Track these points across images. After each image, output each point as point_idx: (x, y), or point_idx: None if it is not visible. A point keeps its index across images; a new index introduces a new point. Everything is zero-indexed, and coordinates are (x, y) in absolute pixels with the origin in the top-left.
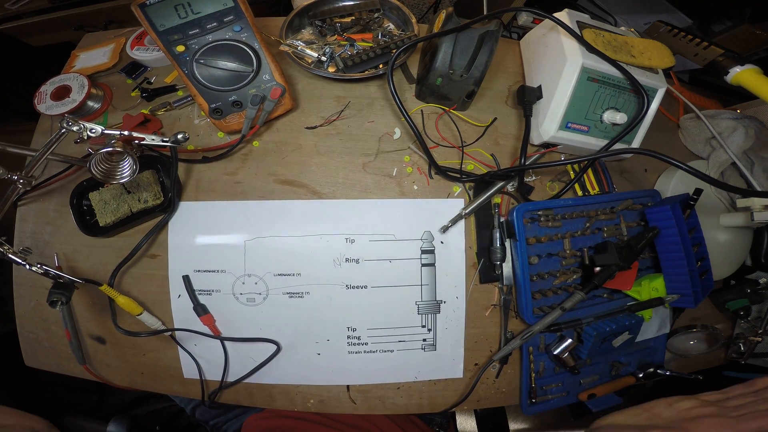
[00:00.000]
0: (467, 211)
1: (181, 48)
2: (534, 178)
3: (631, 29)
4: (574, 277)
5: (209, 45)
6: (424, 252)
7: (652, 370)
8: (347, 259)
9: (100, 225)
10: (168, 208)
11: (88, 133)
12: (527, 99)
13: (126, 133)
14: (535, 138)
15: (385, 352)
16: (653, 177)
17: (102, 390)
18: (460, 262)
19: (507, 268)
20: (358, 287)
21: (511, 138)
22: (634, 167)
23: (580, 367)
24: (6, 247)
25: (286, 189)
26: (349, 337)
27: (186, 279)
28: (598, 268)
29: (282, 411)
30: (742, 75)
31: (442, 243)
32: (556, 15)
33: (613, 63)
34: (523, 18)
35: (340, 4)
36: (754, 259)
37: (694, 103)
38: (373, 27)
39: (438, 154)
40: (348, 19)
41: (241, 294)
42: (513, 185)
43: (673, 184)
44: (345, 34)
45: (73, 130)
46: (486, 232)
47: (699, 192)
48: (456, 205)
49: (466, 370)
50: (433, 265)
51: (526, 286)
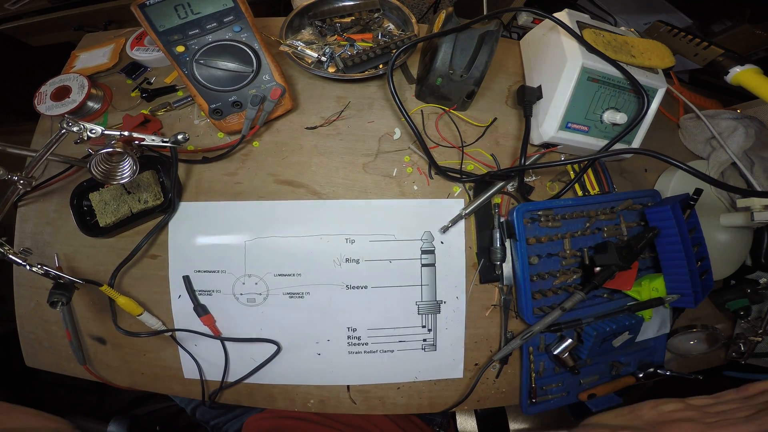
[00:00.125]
0: (467, 211)
1: (180, 48)
2: (534, 178)
3: (631, 29)
4: (574, 277)
5: (209, 45)
6: (424, 252)
7: (652, 370)
8: (347, 260)
9: (101, 225)
10: (168, 208)
11: (88, 133)
12: (527, 99)
13: (126, 133)
14: (535, 138)
15: (385, 352)
16: (653, 177)
17: (102, 390)
18: (460, 262)
19: (507, 268)
20: (358, 287)
21: (511, 138)
22: (634, 167)
23: (580, 367)
24: (6, 248)
25: (286, 189)
26: (349, 337)
27: (186, 279)
28: (598, 268)
29: (282, 411)
30: (742, 75)
31: (442, 243)
32: (556, 15)
33: (613, 63)
34: (523, 18)
35: (340, 4)
36: (754, 259)
37: (694, 103)
38: (373, 27)
39: (438, 154)
40: (348, 20)
41: (241, 294)
42: (513, 185)
43: (673, 184)
44: (345, 34)
45: (73, 131)
46: (486, 232)
47: (699, 192)
48: (456, 205)
49: (467, 370)
50: (433, 265)
51: (526, 286)
